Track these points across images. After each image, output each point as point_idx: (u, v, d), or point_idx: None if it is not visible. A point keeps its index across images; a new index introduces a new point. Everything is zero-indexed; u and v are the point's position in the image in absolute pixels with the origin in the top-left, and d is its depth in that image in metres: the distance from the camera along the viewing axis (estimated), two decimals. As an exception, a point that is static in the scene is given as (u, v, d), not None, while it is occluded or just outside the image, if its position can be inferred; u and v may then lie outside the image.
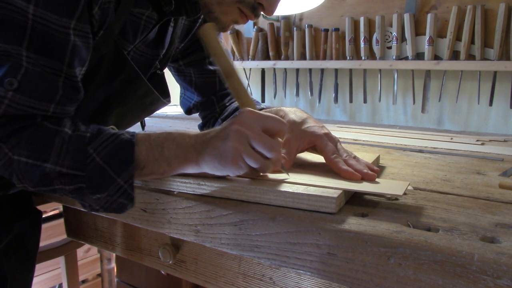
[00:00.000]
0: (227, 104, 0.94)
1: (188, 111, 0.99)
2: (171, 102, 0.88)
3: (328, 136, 0.66)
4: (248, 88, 1.81)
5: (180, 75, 0.96)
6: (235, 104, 0.92)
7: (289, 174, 0.61)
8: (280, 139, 0.58)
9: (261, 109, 0.86)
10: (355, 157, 0.65)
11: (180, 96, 1.01)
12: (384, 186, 0.57)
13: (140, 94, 0.74)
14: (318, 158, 0.70)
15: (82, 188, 0.55)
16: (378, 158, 0.77)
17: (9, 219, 0.73)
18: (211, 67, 0.92)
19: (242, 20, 0.68)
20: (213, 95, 0.94)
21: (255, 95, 1.82)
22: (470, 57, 1.30)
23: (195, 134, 0.58)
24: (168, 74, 0.98)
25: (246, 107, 0.62)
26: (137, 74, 0.70)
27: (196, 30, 0.86)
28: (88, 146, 0.55)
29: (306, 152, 0.71)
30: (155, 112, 0.89)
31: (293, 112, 0.72)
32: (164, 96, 0.80)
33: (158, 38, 0.75)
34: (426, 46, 1.35)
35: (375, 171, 0.62)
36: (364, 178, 0.59)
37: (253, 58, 1.75)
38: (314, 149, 0.68)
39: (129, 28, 0.67)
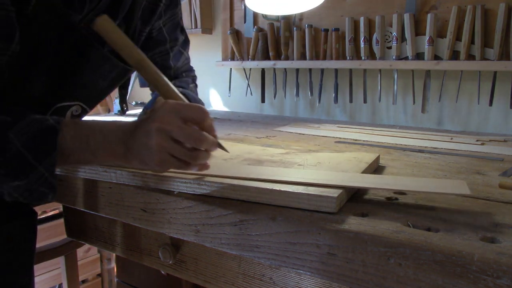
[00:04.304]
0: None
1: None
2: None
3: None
4: (248, 88, 1.81)
5: None
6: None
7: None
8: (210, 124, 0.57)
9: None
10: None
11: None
12: (444, 185, 0.56)
13: (94, 61, 0.71)
14: (318, 157, 0.70)
15: (0, 174, 0.53)
16: (378, 158, 0.77)
17: (0, 219, 0.71)
18: (178, 64, 0.93)
19: None
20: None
21: (255, 95, 1.82)
22: (470, 57, 1.30)
23: (124, 125, 0.57)
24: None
25: (168, 97, 0.61)
26: (88, 41, 0.67)
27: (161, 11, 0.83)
28: (9, 131, 0.53)
29: (304, 151, 0.71)
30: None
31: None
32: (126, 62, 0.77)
33: (112, 7, 0.71)
34: (426, 46, 1.35)
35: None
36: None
37: (253, 58, 1.75)
38: None
39: None
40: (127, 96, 1.01)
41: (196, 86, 1.00)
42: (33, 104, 0.67)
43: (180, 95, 0.64)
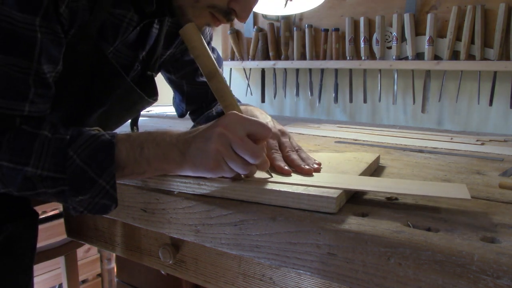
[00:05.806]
0: (213, 105, 0.97)
1: (181, 115, 1.03)
2: (168, 102, 0.87)
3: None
4: (248, 88, 1.81)
5: (172, 84, 0.98)
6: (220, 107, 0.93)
7: (293, 175, 0.61)
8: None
9: None
10: (298, 150, 0.67)
11: (173, 99, 1.03)
12: (444, 189, 0.56)
13: (122, 93, 0.73)
14: (318, 157, 0.70)
15: (64, 191, 0.55)
16: (378, 158, 0.77)
17: (1, 218, 0.71)
18: (203, 79, 0.93)
19: (214, 24, 0.69)
20: (204, 105, 0.98)
21: (255, 95, 1.82)
22: (470, 57, 1.30)
23: (177, 133, 0.58)
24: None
25: (231, 109, 0.62)
26: (118, 73, 0.69)
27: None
28: (68, 148, 0.55)
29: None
30: (155, 112, 0.89)
31: (245, 112, 0.73)
32: (149, 95, 0.79)
33: (139, 40, 0.74)
34: (426, 46, 1.35)
35: (317, 167, 0.64)
36: (300, 171, 0.62)
37: (253, 58, 1.75)
38: None
39: (109, 29, 0.66)
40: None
41: None
42: None
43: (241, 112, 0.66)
